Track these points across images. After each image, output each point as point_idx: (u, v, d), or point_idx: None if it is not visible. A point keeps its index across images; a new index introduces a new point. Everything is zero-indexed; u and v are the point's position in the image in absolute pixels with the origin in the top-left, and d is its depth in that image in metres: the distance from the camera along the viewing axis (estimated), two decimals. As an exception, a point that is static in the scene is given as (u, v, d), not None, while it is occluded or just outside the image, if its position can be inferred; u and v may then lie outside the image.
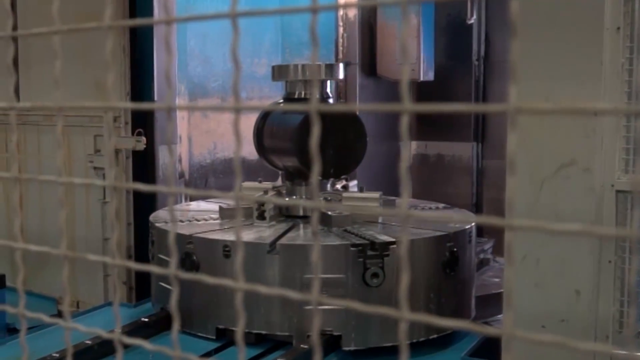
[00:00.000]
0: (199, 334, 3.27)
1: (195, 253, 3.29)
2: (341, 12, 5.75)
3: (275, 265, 3.19)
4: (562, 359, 2.88)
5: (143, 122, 4.54)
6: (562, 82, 2.82)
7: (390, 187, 5.76)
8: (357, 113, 3.65)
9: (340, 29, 5.78)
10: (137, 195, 4.58)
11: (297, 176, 3.65)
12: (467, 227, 3.40)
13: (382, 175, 6.01)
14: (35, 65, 4.76)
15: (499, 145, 5.91)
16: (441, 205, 4.21)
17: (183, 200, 4.66)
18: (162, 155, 4.65)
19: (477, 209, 6.15)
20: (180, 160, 4.96)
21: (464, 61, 6.15)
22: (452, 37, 6.17)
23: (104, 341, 2.97)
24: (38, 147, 4.94)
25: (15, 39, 1.06)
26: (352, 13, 5.75)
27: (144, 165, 4.63)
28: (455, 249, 3.25)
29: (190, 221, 3.60)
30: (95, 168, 4.62)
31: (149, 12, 4.51)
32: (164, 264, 3.22)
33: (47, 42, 1.01)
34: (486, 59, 6.16)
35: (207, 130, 5.12)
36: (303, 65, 3.51)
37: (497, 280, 5.15)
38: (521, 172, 2.88)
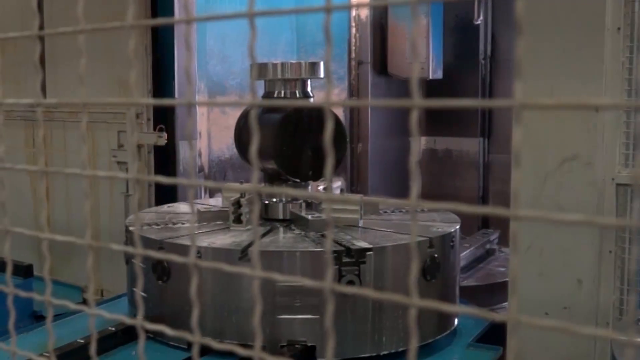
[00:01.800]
0: (171, 343, 3.02)
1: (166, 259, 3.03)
2: (354, 13, 5.77)
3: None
4: (565, 345, 2.99)
5: (164, 119, 4.56)
6: (565, 79, 2.84)
7: (400, 181, 5.91)
8: (336, 113, 3.49)
9: (353, 30, 5.84)
10: (159, 188, 4.60)
11: (276, 178, 3.44)
12: (451, 230, 3.18)
13: (393, 169, 6.14)
14: (61, 63, 4.74)
15: (505, 141, 6.01)
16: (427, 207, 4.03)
17: (202, 193, 4.68)
18: (183, 150, 4.65)
19: (484, 201, 6.25)
20: (199, 155, 4.97)
21: (471, 60, 6.22)
22: (459, 37, 6.25)
23: (127, 327, 2.96)
24: (64, 143, 4.88)
25: (41, 38, 1.08)
26: (364, 14, 5.81)
27: (165, 159, 4.65)
28: (436, 255, 3.04)
29: (166, 224, 3.38)
30: (118, 162, 4.62)
31: (169, 12, 4.53)
32: (137, 269, 3.19)
33: (73, 41, 1.04)
34: (492, 58, 6.24)
35: (225, 126, 5.05)
36: (282, 64, 3.34)
37: (502, 269, 5.28)
38: (526, 165, 2.90)
